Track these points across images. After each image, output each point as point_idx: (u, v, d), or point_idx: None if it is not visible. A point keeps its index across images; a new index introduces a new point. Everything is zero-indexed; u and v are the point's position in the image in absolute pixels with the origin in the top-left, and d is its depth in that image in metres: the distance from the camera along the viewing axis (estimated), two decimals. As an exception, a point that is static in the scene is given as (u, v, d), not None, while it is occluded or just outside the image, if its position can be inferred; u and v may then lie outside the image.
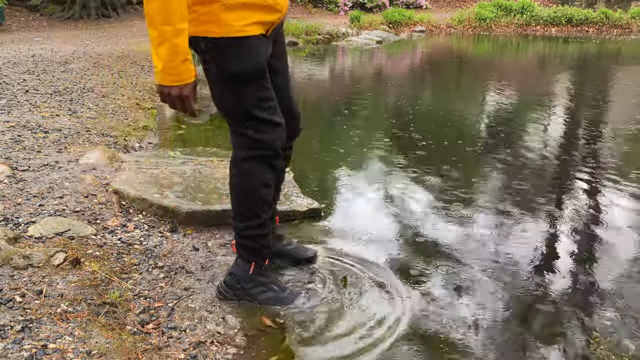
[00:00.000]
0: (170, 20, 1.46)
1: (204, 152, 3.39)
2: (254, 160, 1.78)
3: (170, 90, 1.55)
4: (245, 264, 1.89)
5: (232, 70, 1.66)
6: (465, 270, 2.20)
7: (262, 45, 1.70)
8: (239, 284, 1.89)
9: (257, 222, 1.83)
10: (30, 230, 2.12)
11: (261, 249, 1.88)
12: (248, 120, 1.73)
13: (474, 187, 3.20)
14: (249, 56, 1.66)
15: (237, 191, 1.84)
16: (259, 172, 1.79)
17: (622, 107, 5.74)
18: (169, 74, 1.52)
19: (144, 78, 5.90)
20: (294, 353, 1.70)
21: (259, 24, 1.66)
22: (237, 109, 1.73)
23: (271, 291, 1.90)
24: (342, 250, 2.32)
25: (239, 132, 1.77)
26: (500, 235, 2.54)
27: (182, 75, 1.53)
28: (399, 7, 15.80)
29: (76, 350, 1.52)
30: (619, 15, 15.03)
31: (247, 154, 1.78)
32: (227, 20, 1.59)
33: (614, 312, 1.94)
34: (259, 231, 1.84)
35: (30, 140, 3.28)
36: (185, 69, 1.53)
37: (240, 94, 1.70)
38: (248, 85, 1.69)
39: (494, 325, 1.86)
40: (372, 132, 4.45)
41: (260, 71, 1.70)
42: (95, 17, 12.63)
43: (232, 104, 1.73)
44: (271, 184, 1.82)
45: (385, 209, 2.83)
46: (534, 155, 3.87)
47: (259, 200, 1.81)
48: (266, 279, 1.91)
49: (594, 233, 2.60)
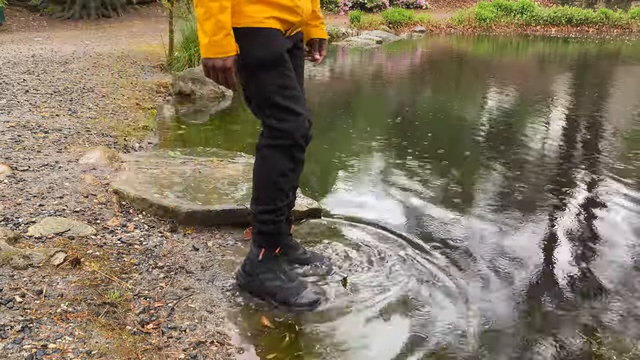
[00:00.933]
0: None
1: (204, 152, 3.39)
2: (274, 148, 1.83)
3: (214, 62, 1.67)
4: (256, 249, 1.95)
5: (254, 55, 1.75)
6: (465, 271, 2.20)
7: (281, 38, 1.79)
8: (251, 269, 1.95)
9: (272, 208, 1.89)
10: (30, 230, 2.12)
11: (273, 234, 1.93)
12: (269, 108, 1.80)
13: (475, 187, 3.20)
14: (268, 44, 1.75)
15: (256, 176, 1.91)
16: (278, 161, 1.84)
17: (622, 107, 5.73)
18: (213, 46, 1.65)
19: (144, 78, 5.90)
20: (293, 353, 1.70)
21: (277, 19, 1.75)
22: (259, 95, 1.81)
23: (279, 280, 1.94)
24: (342, 251, 2.32)
25: (264, 121, 1.84)
26: (500, 236, 2.53)
27: (225, 47, 1.66)
28: (399, 7, 15.80)
29: (76, 350, 1.52)
30: (619, 15, 15.03)
31: (268, 142, 1.85)
32: (247, 12, 1.71)
33: (615, 311, 1.94)
34: (273, 217, 1.90)
35: (30, 140, 3.28)
36: (228, 42, 1.66)
37: (262, 80, 1.78)
38: (269, 71, 1.77)
39: (494, 325, 1.86)
40: (372, 132, 4.45)
41: (280, 59, 1.78)
42: (95, 17, 12.63)
43: (255, 90, 1.81)
44: (289, 174, 1.87)
45: (385, 209, 2.82)
46: (533, 155, 3.87)
47: (275, 188, 1.87)
48: (275, 267, 1.96)
49: (595, 233, 2.60)
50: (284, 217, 1.95)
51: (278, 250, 1.97)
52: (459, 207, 2.84)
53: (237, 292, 1.98)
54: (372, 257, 2.28)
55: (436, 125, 4.84)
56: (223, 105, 5.35)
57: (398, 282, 2.09)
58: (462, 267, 2.23)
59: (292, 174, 1.88)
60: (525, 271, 2.22)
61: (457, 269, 2.21)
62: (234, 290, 1.99)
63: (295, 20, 1.81)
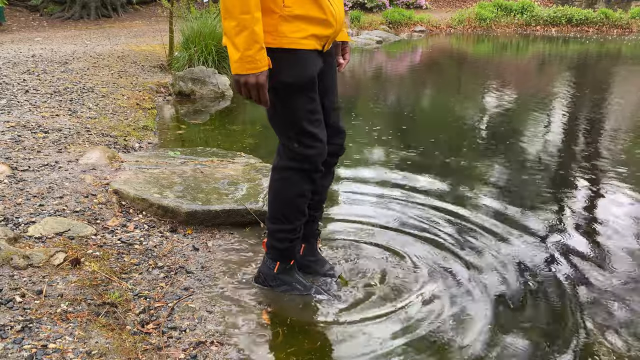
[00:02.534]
0: (249, 9, 1.52)
1: (204, 152, 3.39)
2: (294, 171, 1.81)
3: (248, 78, 1.59)
4: (271, 262, 1.98)
5: (286, 78, 1.68)
6: (465, 271, 2.20)
7: (314, 59, 1.71)
8: (266, 282, 1.99)
9: (289, 227, 1.89)
10: (30, 230, 2.12)
11: (288, 251, 1.95)
12: (295, 133, 1.75)
13: (475, 187, 3.19)
14: (303, 67, 1.68)
15: (274, 196, 1.89)
16: (297, 183, 1.82)
17: (622, 107, 5.73)
18: (246, 62, 1.56)
19: (143, 78, 5.90)
20: (293, 352, 1.70)
21: (314, 37, 1.67)
22: (285, 118, 1.76)
23: (296, 290, 1.98)
24: (343, 251, 2.32)
25: (285, 143, 1.80)
26: (500, 236, 2.53)
27: (259, 63, 1.57)
28: (399, 7, 15.80)
29: (76, 350, 1.52)
30: (619, 15, 15.03)
31: (288, 164, 1.81)
32: (283, 31, 1.62)
33: (615, 312, 1.94)
34: (289, 235, 1.91)
35: (30, 140, 3.28)
36: (262, 56, 1.57)
37: (291, 105, 1.72)
38: (299, 96, 1.71)
39: (495, 325, 1.86)
40: (372, 132, 4.45)
41: (311, 83, 1.72)
42: (95, 17, 12.63)
43: (282, 115, 1.76)
44: (307, 194, 1.86)
45: (385, 209, 2.82)
46: (533, 155, 3.87)
47: (293, 208, 1.87)
48: (290, 278, 1.99)
49: (595, 234, 2.60)
50: (300, 234, 1.94)
51: (292, 262, 1.98)
52: (461, 207, 2.84)
53: (237, 292, 1.98)
54: (371, 258, 2.28)
55: (436, 126, 4.84)
56: (223, 105, 5.35)
57: (398, 282, 2.09)
58: (462, 267, 2.23)
59: (310, 194, 1.87)
60: (525, 271, 2.21)
61: (456, 269, 2.21)
62: (234, 290, 1.99)
63: (331, 33, 1.71)
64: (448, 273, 2.17)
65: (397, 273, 2.16)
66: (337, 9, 1.71)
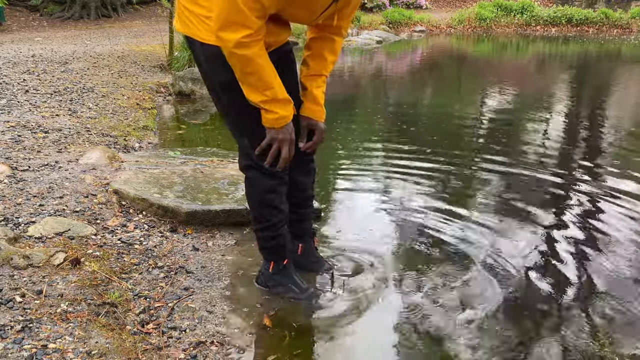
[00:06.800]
0: (269, 85, 1.61)
1: (204, 152, 3.39)
2: (254, 169, 1.81)
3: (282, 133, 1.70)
4: (266, 263, 1.99)
5: (220, 79, 1.68)
6: (465, 272, 2.20)
7: None
8: (264, 283, 2.00)
9: (268, 225, 1.89)
10: (30, 230, 2.12)
11: (276, 248, 1.95)
12: (239, 129, 1.77)
13: (475, 188, 3.20)
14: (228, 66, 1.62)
15: (247, 197, 1.92)
16: (260, 180, 1.82)
17: (622, 107, 5.73)
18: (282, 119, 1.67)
19: (143, 78, 5.90)
20: (293, 353, 1.70)
21: None
22: (229, 115, 1.77)
23: (291, 292, 1.97)
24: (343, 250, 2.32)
25: (238, 141, 1.81)
26: (500, 237, 2.53)
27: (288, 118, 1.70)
28: (399, 7, 15.80)
29: (76, 350, 1.52)
30: (619, 15, 15.04)
31: (246, 162, 1.83)
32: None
33: (616, 313, 1.94)
34: (271, 233, 1.91)
35: (30, 140, 3.28)
36: (292, 109, 1.71)
37: (231, 101, 1.71)
38: (236, 94, 1.67)
39: (495, 325, 1.86)
40: (372, 132, 4.45)
41: None
42: (95, 17, 12.63)
43: (225, 109, 1.77)
44: (277, 189, 1.85)
45: (385, 209, 2.82)
46: (534, 155, 3.87)
47: (265, 205, 1.87)
48: (286, 279, 1.98)
49: (596, 234, 2.60)
50: (282, 229, 1.92)
51: (286, 261, 1.97)
52: (461, 209, 2.84)
53: (237, 292, 1.98)
54: (370, 260, 2.28)
55: (437, 126, 4.84)
56: (223, 105, 5.34)
57: (397, 283, 2.09)
58: (461, 268, 2.23)
59: (279, 188, 1.85)
60: (526, 272, 2.22)
61: (455, 270, 2.21)
62: (234, 290, 1.99)
63: (271, 40, 1.66)
64: (448, 275, 2.17)
65: (396, 276, 2.16)
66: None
